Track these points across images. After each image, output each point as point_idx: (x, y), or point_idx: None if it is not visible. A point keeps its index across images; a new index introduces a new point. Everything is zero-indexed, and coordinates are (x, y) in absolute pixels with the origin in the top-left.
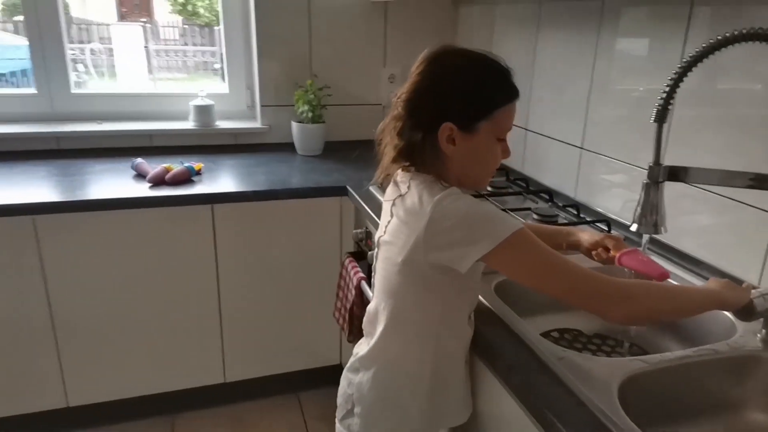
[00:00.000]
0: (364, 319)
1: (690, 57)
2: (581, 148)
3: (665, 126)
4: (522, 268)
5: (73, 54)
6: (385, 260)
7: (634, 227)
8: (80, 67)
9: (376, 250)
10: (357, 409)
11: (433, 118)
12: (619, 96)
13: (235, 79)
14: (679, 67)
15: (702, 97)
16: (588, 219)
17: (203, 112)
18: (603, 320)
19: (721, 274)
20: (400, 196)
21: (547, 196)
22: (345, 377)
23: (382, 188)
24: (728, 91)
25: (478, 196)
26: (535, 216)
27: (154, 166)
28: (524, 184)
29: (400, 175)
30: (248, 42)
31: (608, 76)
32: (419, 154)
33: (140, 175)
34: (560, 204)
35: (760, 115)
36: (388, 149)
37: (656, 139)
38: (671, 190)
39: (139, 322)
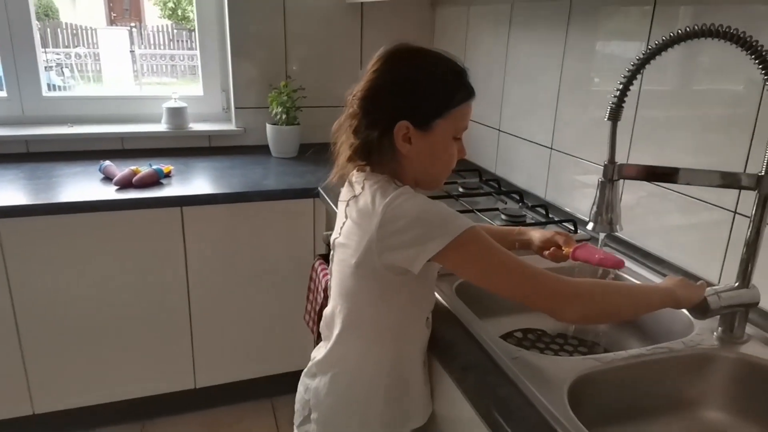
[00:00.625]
0: (321, 322)
1: (640, 56)
2: (551, 148)
3: (624, 126)
4: (472, 267)
5: (58, 58)
6: (339, 263)
7: (590, 226)
8: (66, 71)
9: (331, 252)
10: (314, 415)
11: (388, 117)
12: (587, 96)
13: (210, 81)
14: (632, 65)
15: (677, 97)
16: (556, 219)
17: (176, 114)
18: (556, 320)
19: (683, 272)
20: (354, 196)
21: (517, 197)
22: (302, 382)
23: (336, 188)
24: (703, 92)
25: (450, 196)
26: (503, 216)
27: (122, 169)
28: (496, 185)
29: (355, 175)
30: (223, 44)
31: (577, 76)
32: (375, 153)
33: (108, 178)
34: (530, 204)
35: (729, 114)
36: (343, 148)
37: (610, 137)
38: (637, 189)
39: (106, 327)
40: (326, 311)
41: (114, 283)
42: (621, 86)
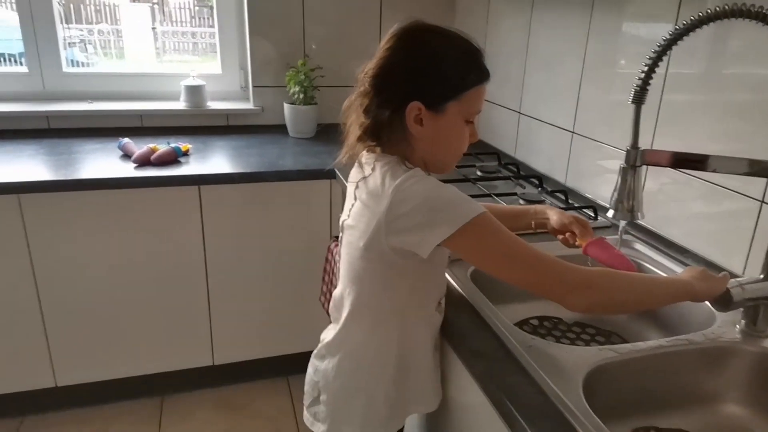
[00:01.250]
0: (331, 304)
1: (667, 37)
2: (572, 132)
3: (648, 110)
4: (481, 253)
5: (81, 35)
6: (348, 245)
7: (610, 213)
8: (90, 48)
9: (340, 234)
10: (323, 397)
11: (400, 97)
12: (611, 79)
13: (228, 60)
14: (659, 46)
15: (705, 81)
16: (576, 204)
17: (194, 92)
18: (564, 308)
19: (706, 263)
20: (364, 178)
21: (537, 181)
22: (312, 364)
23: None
24: (732, 76)
25: (467, 180)
26: (521, 201)
27: (141, 147)
28: (515, 169)
29: (364, 156)
30: (241, 21)
31: (600, 58)
32: (385, 134)
33: (127, 156)
34: (549, 189)
35: (759, 100)
36: (353, 127)
37: (634, 121)
38: (659, 176)
39: (126, 303)
40: (335, 293)
41: (133, 260)
42: (646, 68)
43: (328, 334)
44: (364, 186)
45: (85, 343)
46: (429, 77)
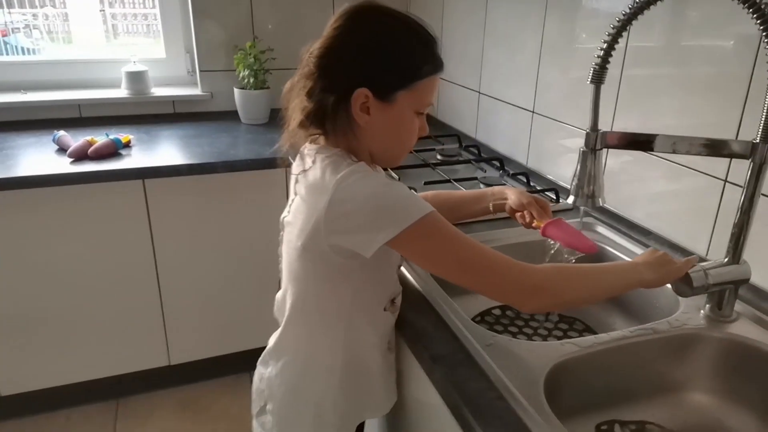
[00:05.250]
0: (275, 307)
1: (626, 12)
2: (533, 112)
3: (609, 88)
4: (429, 256)
5: (25, 19)
6: (287, 243)
7: (570, 200)
8: (36, 33)
9: (281, 232)
10: (269, 406)
11: (347, 82)
12: (571, 55)
13: (172, 42)
14: (618, 21)
15: (666, 55)
16: (538, 187)
17: (136, 78)
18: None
19: (670, 244)
20: (304, 171)
21: (498, 164)
22: (257, 371)
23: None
24: (692, 48)
25: (427, 165)
26: (482, 186)
27: (78, 140)
28: (476, 151)
29: (307, 147)
30: (185, 0)
31: (559, 34)
32: (329, 121)
33: (63, 150)
34: (511, 172)
35: (720, 73)
36: (295, 112)
37: (593, 102)
38: (621, 154)
39: (71, 305)
40: (278, 295)
41: (78, 260)
42: (605, 45)
43: (272, 339)
44: (304, 179)
45: (27, 349)
46: (379, 63)
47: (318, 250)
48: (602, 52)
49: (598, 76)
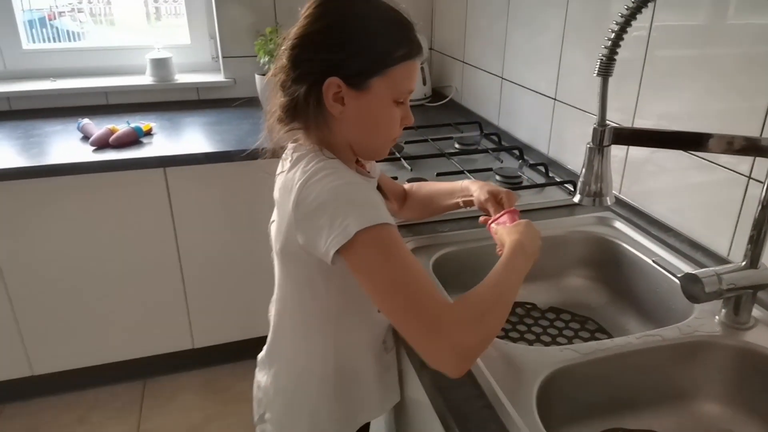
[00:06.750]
0: (269, 311)
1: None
2: (554, 99)
3: (633, 70)
4: (364, 272)
5: (70, 3)
6: (273, 246)
7: (576, 198)
8: (81, 17)
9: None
10: (267, 415)
11: (317, 70)
12: (596, 40)
13: (197, 28)
14: (626, 9)
15: (699, 35)
16: (557, 179)
17: (160, 65)
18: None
19: (690, 242)
20: (282, 172)
21: (518, 153)
22: (256, 377)
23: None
24: (733, 27)
25: (442, 154)
26: (497, 177)
27: (101, 127)
28: (497, 139)
29: (289, 146)
30: None
31: (582, 18)
32: (304, 114)
33: (87, 137)
34: (530, 162)
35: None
36: (274, 108)
37: (600, 95)
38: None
39: (98, 290)
40: (272, 299)
41: (102, 246)
42: (613, 35)
43: (265, 346)
44: (280, 181)
45: (58, 331)
46: (349, 49)
47: (295, 253)
48: (610, 42)
49: (606, 68)
